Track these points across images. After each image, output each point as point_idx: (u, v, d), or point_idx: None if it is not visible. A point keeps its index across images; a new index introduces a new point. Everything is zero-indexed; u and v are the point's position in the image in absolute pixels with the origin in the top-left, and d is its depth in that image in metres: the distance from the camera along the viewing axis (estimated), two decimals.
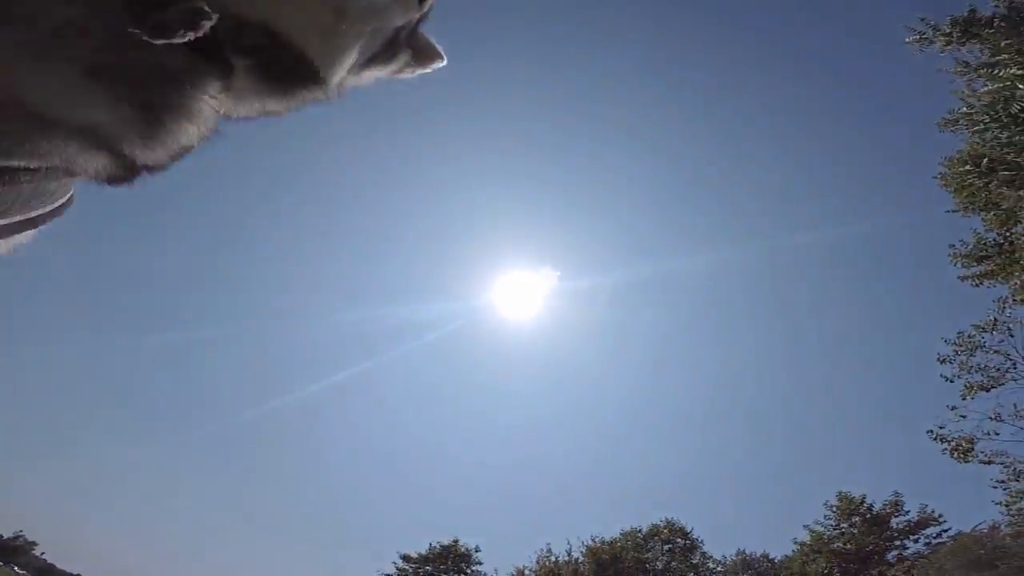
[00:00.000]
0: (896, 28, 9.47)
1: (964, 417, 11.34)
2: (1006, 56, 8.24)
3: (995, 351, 10.66)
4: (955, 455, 11.51)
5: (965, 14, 9.09)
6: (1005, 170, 7.88)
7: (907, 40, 8.79)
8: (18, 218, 0.42)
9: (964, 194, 8.50)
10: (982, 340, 9.88)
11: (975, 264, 9.33)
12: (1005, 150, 7.82)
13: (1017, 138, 7.64)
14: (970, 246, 9.31)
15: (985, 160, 8.00)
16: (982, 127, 7.96)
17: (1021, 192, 7.92)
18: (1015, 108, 7.77)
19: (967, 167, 8.10)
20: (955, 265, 9.46)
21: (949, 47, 8.58)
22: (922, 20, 9.11)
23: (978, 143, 8.12)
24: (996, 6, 9.29)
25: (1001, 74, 8.15)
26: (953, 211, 8.93)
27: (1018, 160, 7.66)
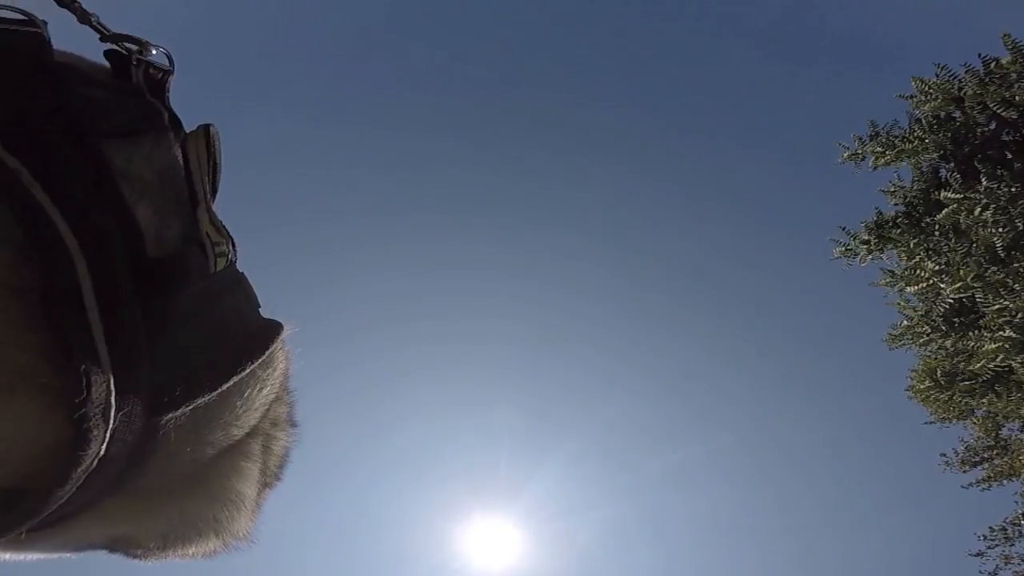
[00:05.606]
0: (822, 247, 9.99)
1: None
2: (919, 256, 8.67)
3: None
4: None
5: (875, 218, 9.65)
6: (962, 379, 7.96)
7: (834, 255, 9.17)
8: None
9: (935, 407, 8.48)
10: (1016, 531, 9.24)
11: (971, 468, 9.09)
12: (955, 360, 7.95)
13: (960, 344, 7.81)
14: (960, 453, 9.13)
15: (939, 372, 8.10)
16: (925, 339, 8.07)
17: (984, 400, 7.92)
18: (942, 308, 7.98)
19: (928, 383, 8.17)
20: (953, 473, 9.19)
21: (871, 256, 8.98)
22: (842, 229, 9.62)
23: (929, 356, 8.30)
24: (896, 204, 9.97)
25: (922, 274, 8.50)
26: (930, 423, 8.86)
27: (970, 368, 7.77)
